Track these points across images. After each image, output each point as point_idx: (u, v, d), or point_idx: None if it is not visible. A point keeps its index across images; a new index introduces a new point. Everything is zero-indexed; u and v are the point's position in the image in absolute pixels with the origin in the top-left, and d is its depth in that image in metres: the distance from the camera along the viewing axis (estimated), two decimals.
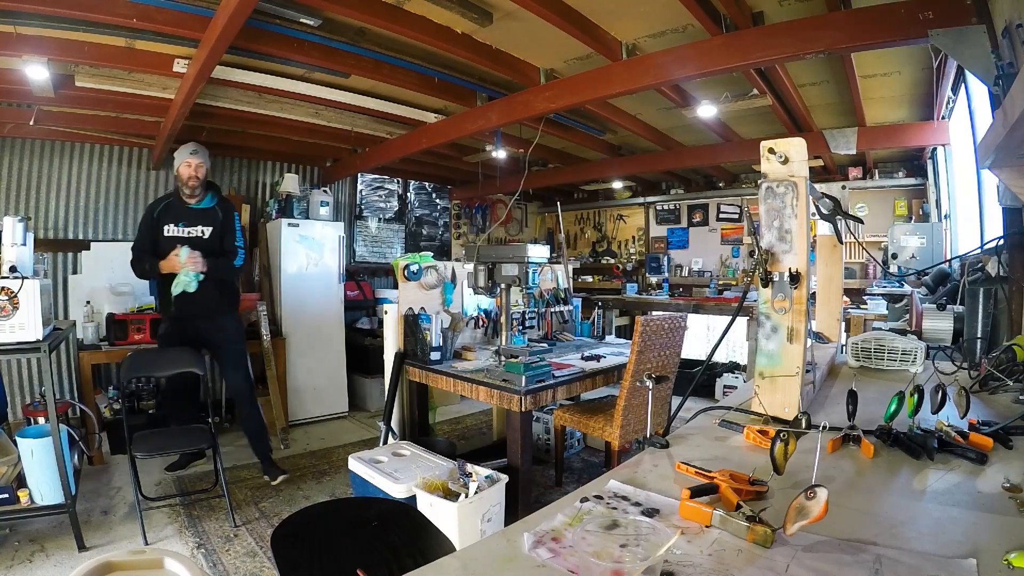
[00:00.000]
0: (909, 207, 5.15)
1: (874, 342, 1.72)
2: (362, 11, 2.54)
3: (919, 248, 3.00)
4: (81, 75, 3.16)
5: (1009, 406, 1.29)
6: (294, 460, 3.75)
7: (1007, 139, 0.98)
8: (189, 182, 3.09)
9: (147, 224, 3.14)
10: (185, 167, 3.09)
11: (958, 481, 0.89)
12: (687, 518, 0.77)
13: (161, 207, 3.12)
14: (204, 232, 3.14)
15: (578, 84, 3.22)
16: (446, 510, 2.04)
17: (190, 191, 3.11)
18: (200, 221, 3.15)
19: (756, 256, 1.17)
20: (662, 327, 2.73)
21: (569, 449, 3.76)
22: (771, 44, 2.51)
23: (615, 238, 7.69)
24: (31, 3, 2.32)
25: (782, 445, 0.84)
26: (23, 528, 2.63)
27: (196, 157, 3.10)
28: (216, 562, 2.41)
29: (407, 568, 0.67)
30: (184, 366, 3.08)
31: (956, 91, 3.38)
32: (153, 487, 3.18)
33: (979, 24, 1.97)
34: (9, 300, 2.29)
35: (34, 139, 4.07)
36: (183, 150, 3.12)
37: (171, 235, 3.08)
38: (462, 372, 2.68)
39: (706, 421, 1.24)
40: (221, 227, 3.19)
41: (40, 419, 3.15)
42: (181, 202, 3.14)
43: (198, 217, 3.15)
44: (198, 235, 3.13)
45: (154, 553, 0.99)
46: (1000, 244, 1.85)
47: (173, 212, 3.12)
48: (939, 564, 0.65)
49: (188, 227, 3.12)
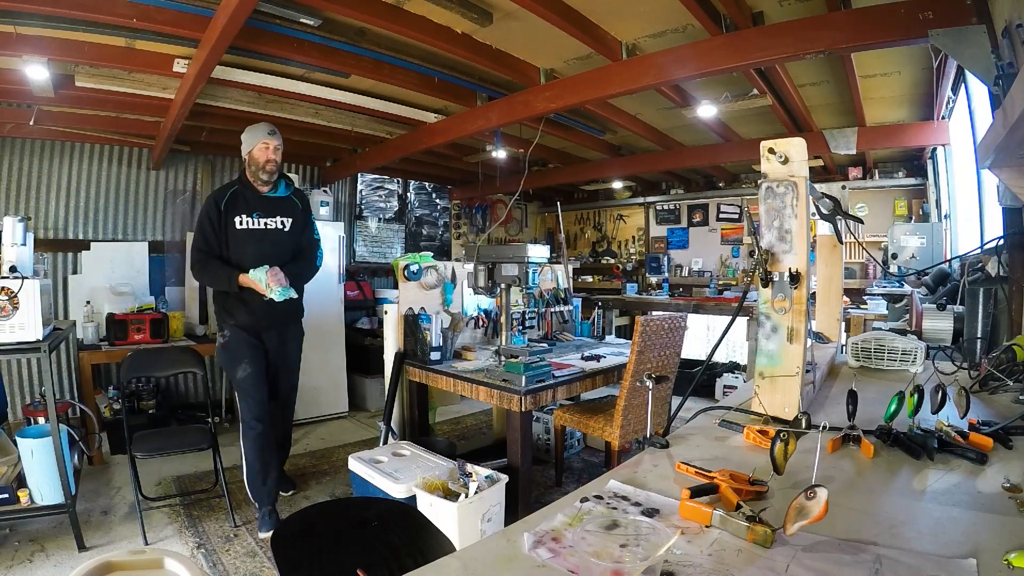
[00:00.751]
0: (909, 207, 5.15)
1: (874, 342, 1.72)
2: (362, 11, 2.54)
3: (919, 248, 3.00)
4: (81, 75, 3.15)
5: (1009, 406, 1.29)
6: (294, 460, 3.75)
7: (1007, 139, 0.98)
8: (267, 166, 2.66)
9: (211, 218, 2.63)
10: (261, 149, 2.67)
11: (958, 481, 0.89)
12: (687, 518, 0.77)
13: (228, 197, 2.65)
14: (284, 224, 2.75)
15: (578, 84, 3.22)
16: (446, 510, 2.04)
17: (267, 177, 2.69)
18: (279, 211, 2.74)
19: (756, 256, 1.16)
20: (662, 327, 2.73)
21: (569, 449, 3.76)
22: (771, 44, 2.51)
23: (615, 238, 7.69)
24: (31, 3, 2.32)
25: (782, 445, 0.84)
26: (23, 528, 2.63)
27: (274, 138, 2.69)
28: (216, 562, 2.41)
29: (407, 568, 0.67)
30: (184, 366, 3.08)
31: (956, 91, 3.38)
32: (153, 487, 3.18)
33: (979, 24, 1.97)
34: (9, 300, 2.29)
35: (34, 139, 4.07)
36: (257, 130, 2.70)
37: (245, 228, 2.65)
38: (462, 372, 2.68)
39: (706, 421, 1.24)
40: (302, 218, 2.83)
41: (40, 419, 3.15)
42: (252, 190, 2.71)
43: (276, 207, 2.74)
44: (277, 227, 2.73)
45: (154, 553, 0.99)
46: (1000, 244, 1.85)
47: (244, 202, 2.67)
48: (939, 564, 0.65)
49: (265, 218, 2.70)
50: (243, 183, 2.72)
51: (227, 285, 2.61)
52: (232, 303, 2.69)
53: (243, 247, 2.64)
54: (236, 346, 2.70)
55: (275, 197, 2.76)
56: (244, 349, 2.70)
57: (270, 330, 2.79)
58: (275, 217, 2.73)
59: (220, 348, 2.75)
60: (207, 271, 2.65)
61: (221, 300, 2.74)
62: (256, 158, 2.68)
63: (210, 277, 2.69)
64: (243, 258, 2.63)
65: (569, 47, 3.01)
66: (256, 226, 2.68)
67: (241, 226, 2.66)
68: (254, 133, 2.70)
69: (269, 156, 2.67)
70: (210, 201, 2.68)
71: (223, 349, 2.74)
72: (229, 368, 2.78)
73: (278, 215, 2.74)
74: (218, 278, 2.65)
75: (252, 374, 2.68)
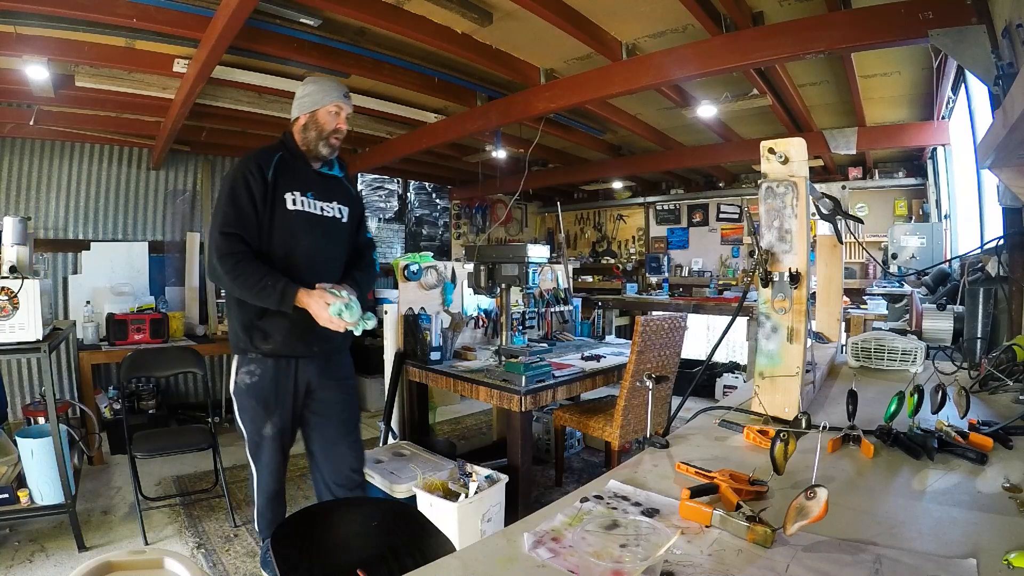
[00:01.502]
0: (909, 207, 5.15)
1: (874, 342, 1.72)
2: (362, 11, 2.54)
3: (919, 248, 3.00)
4: (81, 75, 3.15)
5: (1009, 406, 1.29)
6: (294, 460, 3.73)
7: (1007, 139, 0.98)
8: (334, 137, 1.96)
9: (253, 188, 1.81)
10: (332, 113, 1.95)
11: (958, 481, 0.89)
12: (687, 518, 0.77)
13: (275, 163, 1.87)
14: (342, 212, 2.02)
15: (578, 84, 3.22)
16: (446, 510, 2.04)
17: (330, 152, 1.97)
18: (335, 195, 2.01)
19: (756, 256, 1.16)
20: (662, 327, 2.73)
21: (569, 449, 3.76)
22: (771, 44, 2.51)
23: (615, 238, 7.69)
24: (31, 3, 2.32)
25: (782, 445, 0.84)
26: (23, 528, 2.63)
27: (349, 103, 2.00)
28: (216, 562, 2.41)
29: (407, 568, 0.67)
30: (184, 366, 3.08)
31: (956, 91, 3.38)
32: (153, 487, 3.17)
33: (979, 24, 1.97)
34: (9, 300, 2.29)
35: (34, 139, 4.07)
36: (330, 87, 1.97)
37: (299, 210, 1.88)
38: (462, 372, 2.68)
39: (706, 421, 1.24)
40: (359, 210, 2.15)
41: (40, 419, 3.15)
42: (303, 162, 1.96)
43: (332, 189, 2.02)
44: (335, 215, 2.00)
45: (154, 553, 0.99)
46: (1000, 244, 1.85)
47: (296, 174, 1.92)
48: (939, 564, 0.64)
49: (322, 201, 1.96)
50: (290, 150, 1.95)
51: (274, 301, 1.75)
52: (271, 316, 1.84)
53: (295, 238, 1.87)
54: (270, 390, 1.89)
55: (330, 176, 2.03)
56: (280, 395, 1.91)
57: (316, 358, 1.96)
58: (332, 202, 1.99)
59: (244, 389, 1.91)
60: (243, 275, 1.75)
61: (249, 312, 1.86)
62: (322, 122, 1.94)
63: (246, 284, 1.76)
64: (293, 254, 1.87)
65: (569, 47, 3.01)
66: (312, 210, 1.92)
67: (294, 207, 1.87)
68: (325, 89, 1.96)
69: (340, 124, 1.97)
70: (250, 164, 1.84)
71: (248, 392, 1.90)
72: (250, 420, 1.93)
73: (335, 200, 2.00)
74: (262, 289, 1.75)
75: (279, 432, 1.93)
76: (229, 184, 1.84)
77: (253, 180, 1.82)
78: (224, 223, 1.79)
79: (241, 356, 1.94)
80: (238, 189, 1.82)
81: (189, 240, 4.74)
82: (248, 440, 1.97)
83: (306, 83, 2.01)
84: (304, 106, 1.96)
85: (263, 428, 1.93)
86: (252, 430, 1.95)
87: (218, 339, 4.28)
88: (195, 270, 4.72)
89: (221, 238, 1.77)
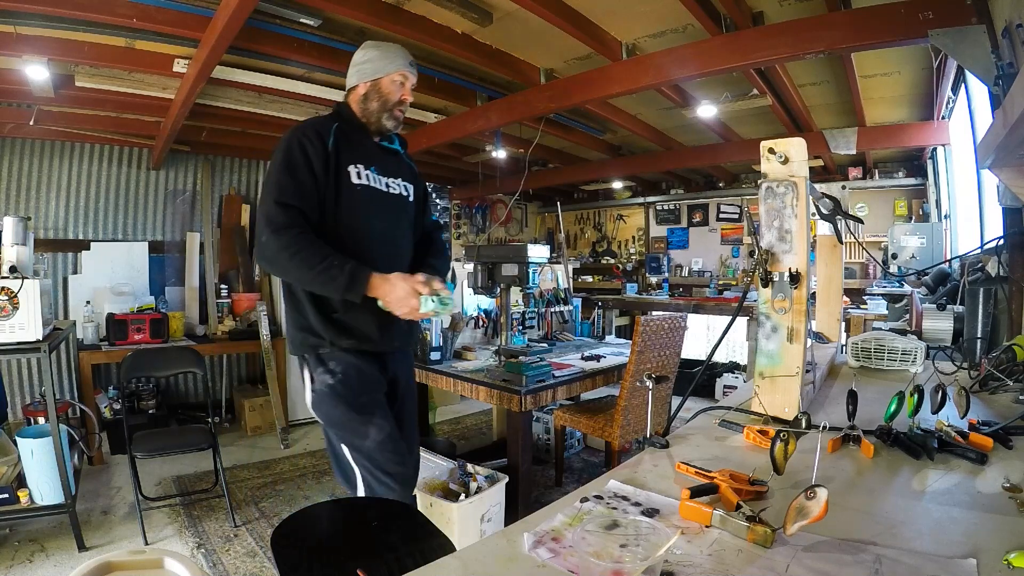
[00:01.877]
0: (909, 207, 5.15)
1: (874, 342, 1.72)
2: (362, 11, 2.55)
3: (919, 248, 3.00)
4: (81, 75, 3.16)
5: (1009, 406, 1.29)
6: (294, 460, 3.75)
7: (1007, 139, 0.98)
8: (397, 108, 1.74)
9: (309, 159, 1.56)
10: (396, 83, 1.72)
11: (958, 481, 0.89)
12: (687, 518, 0.77)
13: (335, 132, 1.63)
14: (407, 190, 1.81)
15: (578, 84, 3.22)
16: (446, 510, 2.04)
17: (394, 124, 1.76)
18: (399, 172, 1.80)
19: (756, 256, 1.16)
20: (662, 327, 2.73)
21: (569, 449, 3.76)
22: (771, 44, 2.52)
23: (615, 238, 7.69)
24: (31, 3, 2.32)
25: (782, 445, 0.84)
26: (23, 528, 2.63)
27: (415, 72, 1.77)
28: (216, 562, 2.41)
29: (407, 568, 0.67)
30: (184, 366, 3.08)
31: (956, 91, 3.38)
32: (153, 487, 3.17)
33: (979, 24, 1.97)
34: (9, 300, 2.29)
35: (34, 139, 4.07)
36: (396, 54, 1.74)
37: (366, 185, 1.66)
38: (462, 372, 2.68)
39: (706, 421, 1.24)
40: (423, 190, 1.93)
41: (40, 419, 3.15)
42: (364, 134, 1.74)
43: (396, 165, 1.81)
44: (401, 193, 1.78)
45: (154, 553, 0.99)
46: (1000, 244, 1.85)
47: (357, 146, 1.69)
48: (939, 564, 0.65)
49: (386, 176, 1.74)
50: (348, 120, 1.71)
51: (339, 287, 1.47)
52: (355, 308, 1.57)
53: (362, 217, 1.64)
54: (360, 390, 1.61)
55: (392, 150, 1.82)
56: (373, 395, 1.64)
57: (394, 354, 1.74)
58: (397, 178, 1.77)
59: (328, 392, 1.58)
60: (302, 253, 1.46)
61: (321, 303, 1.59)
62: (385, 92, 1.72)
63: (305, 263, 1.47)
64: (362, 236, 1.63)
65: (569, 47, 3.01)
66: (378, 186, 1.69)
67: (359, 180, 1.64)
68: (389, 56, 1.73)
69: (405, 95, 1.75)
70: (307, 131, 1.60)
71: (334, 394, 1.58)
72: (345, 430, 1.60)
73: (399, 176, 1.79)
74: (325, 270, 1.46)
75: (390, 435, 1.60)
76: (283, 152, 1.56)
77: (312, 147, 1.56)
78: (280, 193, 1.51)
79: (311, 356, 1.60)
80: (295, 157, 1.54)
81: (189, 240, 4.74)
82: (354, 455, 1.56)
83: (366, 48, 1.76)
84: (364, 73, 1.72)
85: (367, 435, 1.56)
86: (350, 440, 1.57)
87: (218, 339, 4.29)
88: (195, 270, 4.72)
89: (277, 209, 1.48)
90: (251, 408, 4.31)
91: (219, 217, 4.94)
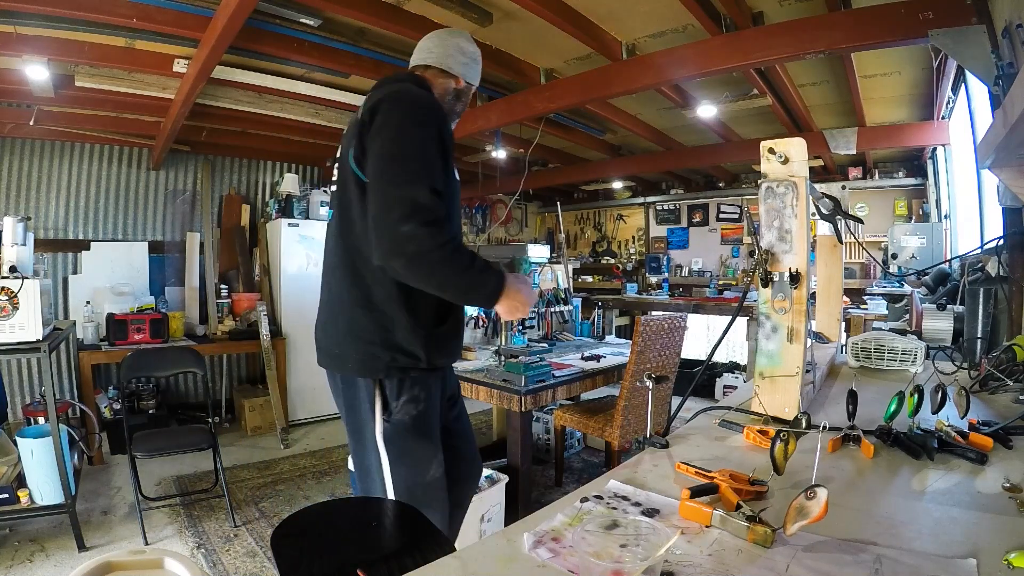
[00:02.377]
0: (909, 207, 5.15)
1: (874, 342, 1.72)
2: (362, 11, 2.55)
3: (919, 248, 3.00)
4: (81, 75, 3.16)
5: (1009, 406, 1.29)
6: (294, 460, 3.75)
7: (1007, 139, 0.98)
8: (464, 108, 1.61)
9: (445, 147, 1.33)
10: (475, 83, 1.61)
11: (958, 481, 0.89)
12: (687, 518, 0.77)
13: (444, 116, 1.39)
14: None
15: (578, 84, 3.22)
16: None
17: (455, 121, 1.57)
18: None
19: (756, 256, 1.16)
20: (662, 327, 2.73)
21: (569, 449, 3.76)
22: (771, 44, 2.52)
23: (615, 238, 7.69)
24: (31, 3, 2.33)
25: (782, 445, 0.84)
26: (23, 528, 2.63)
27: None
28: (216, 562, 2.41)
29: (407, 568, 0.67)
30: (184, 366, 3.08)
31: (956, 91, 3.38)
32: (153, 487, 3.17)
33: (979, 24, 1.97)
34: (9, 300, 2.29)
35: (34, 139, 4.07)
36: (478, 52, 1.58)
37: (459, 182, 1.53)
38: (462, 372, 2.67)
39: (706, 421, 1.24)
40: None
41: (40, 419, 3.15)
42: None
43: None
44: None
45: (154, 553, 0.99)
46: (1000, 244, 1.85)
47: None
48: (939, 564, 0.64)
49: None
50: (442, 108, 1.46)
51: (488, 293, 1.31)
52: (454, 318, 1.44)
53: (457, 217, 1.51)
54: (434, 416, 1.43)
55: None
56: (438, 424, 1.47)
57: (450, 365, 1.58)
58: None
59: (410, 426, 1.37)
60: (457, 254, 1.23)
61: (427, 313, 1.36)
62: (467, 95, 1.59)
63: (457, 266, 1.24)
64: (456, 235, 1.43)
65: (569, 47, 3.01)
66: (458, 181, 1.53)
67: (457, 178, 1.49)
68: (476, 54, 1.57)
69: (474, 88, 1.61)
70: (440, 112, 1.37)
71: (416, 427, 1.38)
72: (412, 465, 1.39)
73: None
74: (480, 273, 1.28)
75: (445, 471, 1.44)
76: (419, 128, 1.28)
77: (443, 135, 1.33)
78: (434, 178, 1.24)
79: (393, 380, 1.35)
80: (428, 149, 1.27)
81: (189, 240, 4.74)
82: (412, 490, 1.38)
83: (473, 43, 1.56)
84: (471, 73, 1.54)
85: (429, 470, 1.40)
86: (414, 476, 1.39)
87: (218, 339, 4.28)
88: (195, 270, 4.72)
89: (433, 199, 1.21)
90: (251, 408, 4.31)
91: (219, 217, 4.95)
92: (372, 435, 1.37)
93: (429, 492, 1.40)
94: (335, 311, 1.40)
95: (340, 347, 1.39)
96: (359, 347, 1.35)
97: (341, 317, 1.38)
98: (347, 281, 1.35)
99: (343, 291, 1.37)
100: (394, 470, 1.38)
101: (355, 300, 1.35)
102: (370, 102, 1.32)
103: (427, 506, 1.36)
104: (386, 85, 1.41)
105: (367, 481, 1.43)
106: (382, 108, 1.29)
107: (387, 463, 1.37)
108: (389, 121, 1.27)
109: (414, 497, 1.36)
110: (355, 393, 1.38)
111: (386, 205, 1.21)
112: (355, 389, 1.38)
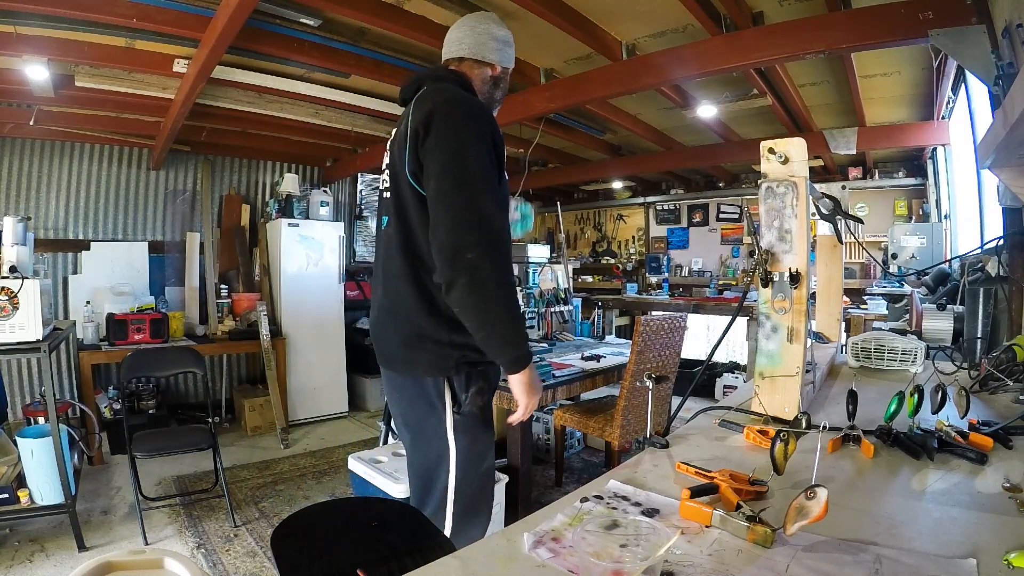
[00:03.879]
0: (909, 207, 5.15)
1: (874, 342, 1.72)
2: (362, 11, 2.55)
3: (919, 248, 2.99)
4: (81, 75, 3.16)
5: (1009, 406, 1.29)
6: (294, 460, 3.75)
7: (1007, 139, 0.98)
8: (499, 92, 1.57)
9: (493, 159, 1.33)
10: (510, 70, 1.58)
11: (958, 481, 0.89)
12: (687, 518, 0.77)
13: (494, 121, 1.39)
14: None
15: (578, 84, 3.22)
16: None
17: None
18: None
19: (756, 256, 1.16)
20: (662, 327, 2.73)
21: (569, 449, 3.76)
22: (771, 44, 2.51)
23: (615, 238, 7.69)
24: (31, 3, 2.32)
25: (782, 445, 0.84)
26: (23, 528, 2.63)
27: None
28: (216, 562, 2.41)
29: (407, 568, 0.67)
30: (184, 366, 3.08)
31: (956, 91, 3.38)
32: (153, 487, 3.17)
33: (979, 24, 1.97)
34: (9, 300, 2.29)
35: (34, 139, 4.07)
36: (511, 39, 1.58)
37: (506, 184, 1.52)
38: None
39: (706, 421, 1.24)
40: None
41: (40, 419, 3.15)
42: None
43: None
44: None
45: (154, 553, 0.99)
46: (1000, 244, 1.85)
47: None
48: (939, 564, 0.64)
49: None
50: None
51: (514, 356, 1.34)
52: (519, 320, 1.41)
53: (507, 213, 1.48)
54: (491, 409, 1.52)
55: None
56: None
57: None
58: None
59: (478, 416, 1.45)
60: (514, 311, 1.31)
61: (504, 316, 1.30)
62: (505, 79, 1.58)
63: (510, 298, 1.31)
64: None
65: (569, 47, 3.01)
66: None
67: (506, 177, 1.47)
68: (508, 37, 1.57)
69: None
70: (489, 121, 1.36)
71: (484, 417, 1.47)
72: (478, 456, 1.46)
73: None
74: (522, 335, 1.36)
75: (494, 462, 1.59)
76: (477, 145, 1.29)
77: (498, 140, 1.34)
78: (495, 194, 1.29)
79: (463, 374, 1.41)
80: (484, 157, 1.28)
81: (189, 240, 4.74)
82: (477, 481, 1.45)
83: (502, 26, 1.52)
84: (507, 57, 1.51)
85: (487, 457, 1.48)
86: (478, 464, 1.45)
87: (218, 339, 4.28)
88: (195, 270, 4.72)
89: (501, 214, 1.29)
90: (251, 408, 4.31)
91: (219, 217, 4.95)
92: (437, 428, 1.42)
93: (485, 478, 1.49)
94: (400, 319, 1.42)
95: (409, 353, 1.42)
96: (429, 349, 1.39)
97: (407, 325, 1.41)
98: (412, 289, 1.38)
99: (407, 298, 1.40)
100: (460, 459, 1.42)
101: (420, 307, 1.38)
102: (420, 113, 1.31)
103: (485, 490, 1.49)
104: (428, 84, 1.41)
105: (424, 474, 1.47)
106: (436, 121, 1.29)
107: (454, 453, 1.42)
108: (446, 135, 1.28)
109: (473, 484, 1.45)
110: (420, 391, 1.42)
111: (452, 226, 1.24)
112: (421, 387, 1.42)
